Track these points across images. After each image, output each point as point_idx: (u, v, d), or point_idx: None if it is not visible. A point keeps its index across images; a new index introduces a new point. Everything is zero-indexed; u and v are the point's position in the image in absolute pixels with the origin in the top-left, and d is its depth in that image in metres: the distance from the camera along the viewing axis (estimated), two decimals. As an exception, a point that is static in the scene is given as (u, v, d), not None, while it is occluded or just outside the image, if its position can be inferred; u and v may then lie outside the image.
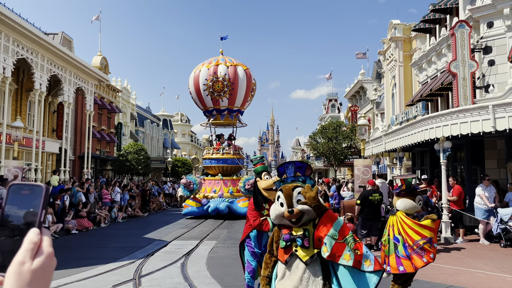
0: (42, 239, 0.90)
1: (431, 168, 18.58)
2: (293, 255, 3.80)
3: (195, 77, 23.26)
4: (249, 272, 6.39)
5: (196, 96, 23.57)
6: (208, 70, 22.88)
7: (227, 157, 23.09)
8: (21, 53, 17.26)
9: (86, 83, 23.65)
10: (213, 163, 23.17)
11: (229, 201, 20.78)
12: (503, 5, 15.01)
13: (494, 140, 14.83)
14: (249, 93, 23.78)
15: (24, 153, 20.70)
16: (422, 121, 13.67)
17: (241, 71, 23.20)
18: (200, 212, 20.74)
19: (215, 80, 22.58)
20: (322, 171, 55.39)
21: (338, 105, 60.94)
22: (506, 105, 11.19)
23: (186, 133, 70.16)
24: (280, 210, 3.89)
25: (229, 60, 23.65)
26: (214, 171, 23.19)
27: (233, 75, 22.78)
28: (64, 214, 15.38)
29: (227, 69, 22.79)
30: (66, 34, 26.74)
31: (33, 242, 0.88)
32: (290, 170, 4.19)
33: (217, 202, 20.72)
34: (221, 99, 22.93)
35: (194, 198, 21.31)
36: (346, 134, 34.87)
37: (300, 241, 3.78)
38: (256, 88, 24.77)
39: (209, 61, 23.55)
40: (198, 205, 21.02)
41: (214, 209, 20.39)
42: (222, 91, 22.66)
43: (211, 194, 21.43)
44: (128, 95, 42.59)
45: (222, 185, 21.91)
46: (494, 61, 15.34)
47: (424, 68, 21.67)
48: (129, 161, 32.34)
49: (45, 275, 0.88)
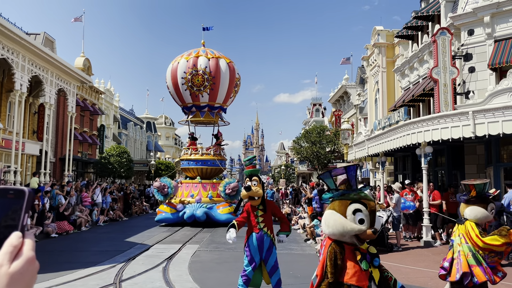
0: (24, 243, 0.89)
1: (412, 173, 18.81)
2: (372, 278, 3.27)
3: (173, 69, 20.95)
4: (243, 278, 6.36)
5: (174, 91, 21.28)
6: (187, 62, 20.53)
7: (206, 158, 20.94)
8: (1, 53, 16.93)
9: (68, 84, 23.32)
10: (191, 164, 20.93)
11: (207, 206, 18.72)
12: (483, 13, 15.33)
13: (474, 146, 15.11)
14: (232, 89, 21.51)
15: (3, 155, 20.28)
16: (404, 126, 13.86)
17: (224, 64, 20.88)
18: (175, 219, 18.67)
19: (195, 73, 20.29)
20: (306, 175, 55.68)
21: (322, 110, 61.45)
22: (486, 111, 11.42)
23: (170, 136, 69.68)
24: (357, 227, 3.21)
25: (211, 52, 21.22)
26: (192, 174, 21.05)
27: (215, 68, 20.44)
28: (43, 217, 15.10)
29: (208, 62, 20.45)
30: (48, 35, 26.37)
31: (13, 245, 0.87)
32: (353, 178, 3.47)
33: (193, 208, 18.58)
34: (201, 94, 20.71)
35: (169, 203, 19.11)
36: (330, 138, 35.12)
37: (378, 261, 3.30)
38: (241, 84, 22.63)
39: (189, 53, 21.18)
40: (172, 211, 18.83)
41: (190, 215, 18.32)
42: (202, 85, 20.42)
43: (188, 199, 19.30)
44: (111, 97, 42.14)
45: (200, 189, 19.80)
46: (474, 68, 15.64)
47: (406, 74, 21.98)
48: (111, 163, 31.97)
49: (23, 279, 0.86)
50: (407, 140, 13.36)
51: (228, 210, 18.36)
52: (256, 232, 6.35)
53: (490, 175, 14.11)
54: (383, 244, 11.85)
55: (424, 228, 13.14)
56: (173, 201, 19.26)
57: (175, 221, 18.58)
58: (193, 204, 18.92)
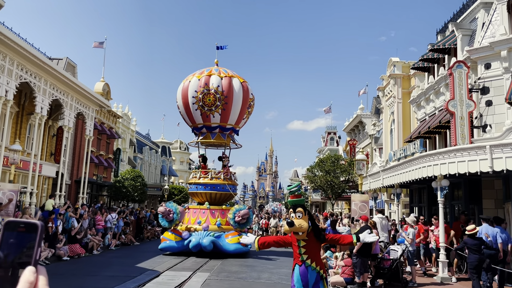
0: (38, 279, 0.90)
1: (428, 206, 18.48)
2: None
3: (184, 88, 19.96)
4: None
5: (184, 111, 20.12)
6: (198, 81, 19.56)
7: (216, 182, 19.56)
8: (24, 77, 17.45)
9: (87, 108, 23.81)
10: (199, 189, 19.58)
11: (214, 235, 17.36)
12: (500, 48, 15.31)
13: (492, 180, 14.82)
14: (245, 109, 20.30)
15: (20, 176, 20.60)
16: (419, 159, 13.71)
17: (237, 84, 19.84)
18: (179, 247, 17.30)
19: (206, 92, 19.26)
20: (320, 204, 55.10)
21: (337, 138, 61.28)
22: (504, 146, 11.24)
23: (185, 160, 70.07)
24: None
25: (224, 71, 20.23)
26: (200, 199, 19.73)
27: (227, 88, 19.41)
28: (56, 240, 15.16)
29: (221, 81, 19.48)
30: (70, 60, 27.11)
31: (29, 281, 0.89)
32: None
33: (200, 236, 17.19)
34: (212, 114, 19.53)
35: (174, 230, 17.82)
36: (344, 167, 34.87)
37: None
38: (254, 105, 21.40)
39: (201, 71, 20.24)
40: (177, 239, 17.46)
41: (195, 244, 16.83)
42: (213, 105, 19.30)
43: (194, 226, 18.01)
44: (128, 121, 42.80)
45: (209, 216, 18.51)
46: (491, 101, 15.52)
47: (422, 105, 21.90)
48: (125, 187, 32.16)
49: None
50: (423, 172, 13.19)
51: (237, 240, 17.01)
52: (299, 265, 5.90)
53: (509, 210, 13.78)
54: (397, 279, 11.56)
55: (440, 264, 12.80)
56: (179, 228, 18.00)
57: (180, 250, 17.33)
58: (200, 232, 17.58)
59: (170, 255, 17.37)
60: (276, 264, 15.97)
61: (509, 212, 13.77)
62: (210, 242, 16.83)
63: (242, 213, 17.57)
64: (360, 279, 11.08)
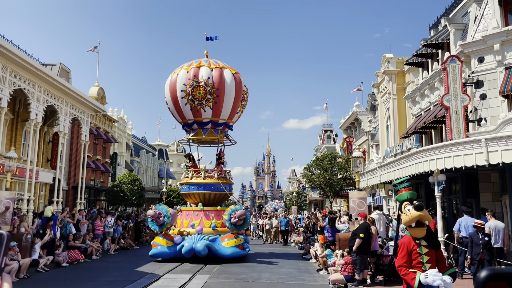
0: (2, 286, 0.90)
1: (426, 201, 18.51)
2: None
3: (172, 82, 18.49)
4: None
5: (172, 106, 18.71)
6: (187, 73, 18.12)
7: (210, 182, 18.17)
8: (18, 83, 17.37)
9: (82, 113, 23.73)
10: (192, 189, 18.21)
11: (209, 238, 16.12)
12: (493, 41, 15.36)
13: (489, 173, 14.87)
14: (238, 103, 18.82)
15: (17, 183, 20.51)
16: (416, 154, 13.75)
17: (229, 75, 18.36)
18: (171, 253, 16.05)
19: (196, 85, 17.82)
20: (318, 202, 55.17)
21: (334, 136, 61.44)
22: (499, 139, 11.28)
23: (182, 162, 70.03)
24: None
25: (214, 62, 18.74)
26: (193, 200, 18.49)
27: (218, 80, 17.97)
28: (54, 247, 15.11)
29: (211, 72, 18.03)
30: (64, 65, 27.03)
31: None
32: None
33: (193, 241, 15.89)
34: (203, 108, 18.07)
35: (165, 234, 16.61)
36: (341, 165, 34.93)
37: None
38: (248, 98, 19.89)
39: (189, 63, 18.74)
40: (169, 244, 16.18)
41: (189, 249, 15.57)
42: (204, 99, 17.86)
43: (188, 229, 16.66)
44: (124, 125, 42.71)
45: (203, 218, 17.22)
46: (486, 95, 15.57)
47: (417, 101, 21.94)
48: (123, 191, 32.11)
49: None
50: (420, 168, 13.23)
51: (234, 243, 16.23)
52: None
53: (506, 203, 13.83)
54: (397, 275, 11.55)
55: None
56: (171, 232, 16.82)
57: (172, 256, 16.04)
58: (193, 235, 16.26)
59: (164, 261, 16.14)
60: (277, 264, 15.98)
61: (506, 205, 13.82)
62: (205, 247, 15.61)
63: (239, 213, 16.50)
64: (360, 276, 11.09)
